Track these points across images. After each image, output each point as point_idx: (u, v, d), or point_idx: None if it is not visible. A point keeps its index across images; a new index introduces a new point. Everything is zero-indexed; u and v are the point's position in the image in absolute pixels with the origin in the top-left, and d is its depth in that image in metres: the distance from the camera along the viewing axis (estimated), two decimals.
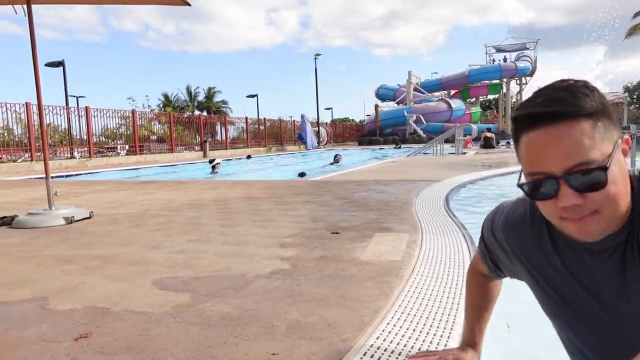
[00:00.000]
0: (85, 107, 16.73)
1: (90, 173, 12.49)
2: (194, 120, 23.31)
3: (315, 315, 1.85)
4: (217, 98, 53.34)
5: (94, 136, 17.13)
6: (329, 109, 60.11)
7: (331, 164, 14.74)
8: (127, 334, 1.73)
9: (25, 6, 4.16)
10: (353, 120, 66.85)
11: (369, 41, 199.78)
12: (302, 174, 11.34)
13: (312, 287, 2.20)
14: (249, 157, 19.93)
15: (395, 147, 25.51)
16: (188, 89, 52.15)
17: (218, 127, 25.27)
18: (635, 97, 37.51)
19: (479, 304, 1.39)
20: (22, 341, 1.69)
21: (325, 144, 32.01)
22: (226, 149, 23.76)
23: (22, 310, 2.04)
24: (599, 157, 0.77)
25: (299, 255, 2.81)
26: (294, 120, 32.87)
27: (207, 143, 21.14)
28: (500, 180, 7.52)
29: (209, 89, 52.71)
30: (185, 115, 25.61)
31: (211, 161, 14.10)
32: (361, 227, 3.59)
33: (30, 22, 4.12)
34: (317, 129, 30.91)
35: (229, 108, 53.38)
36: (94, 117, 16.91)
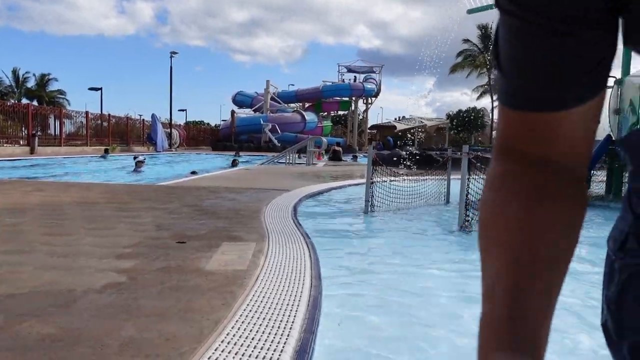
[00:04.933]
0: None
1: None
2: (20, 110, 20.22)
3: (153, 330, 1.78)
4: (52, 87, 47.31)
5: None
6: (183, 110, 57.78)
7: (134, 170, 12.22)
8: None
9: None
10: (208, 124, 65.25)
11: (229, 46, 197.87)
12: (194, 172, 10.91)
13: (152, 301, 2.10)
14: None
15: (234, 155, 23.50)
16: (15, 73, 45.22)
17: (51, 120, 22.34)
18: (454, 123, 44.08)
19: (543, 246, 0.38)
20: None
21: (178, 146, 30.64)
22: (60, 145, 21.14)
23: None
24: None
25: (139, 266, 2.66)
26: (143, 120, 30.78)
27: (37, 138, 18.54)
28: (346, 191, 8.10)
29: (42, 75, 46.46)
30: (8, 103, 22.06)
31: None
32: (208, 236, 3.54)
33: None
34: (169, 130, 29.43)
35: (67, 100, 47.69)
36: None
